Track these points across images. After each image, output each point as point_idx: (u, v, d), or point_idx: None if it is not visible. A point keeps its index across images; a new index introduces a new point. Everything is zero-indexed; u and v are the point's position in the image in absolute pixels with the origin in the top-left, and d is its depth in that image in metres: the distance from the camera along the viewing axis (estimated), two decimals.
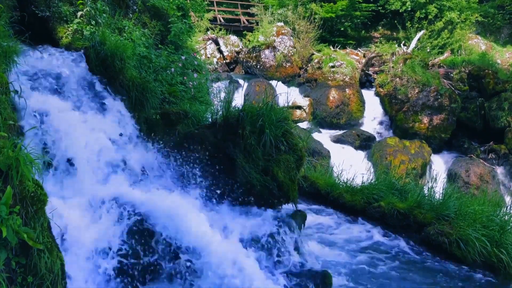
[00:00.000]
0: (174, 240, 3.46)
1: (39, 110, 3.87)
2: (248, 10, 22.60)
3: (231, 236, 3.87)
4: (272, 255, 3.91)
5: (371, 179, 6.97)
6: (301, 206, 5.63)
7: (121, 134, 4.52)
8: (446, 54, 17.53)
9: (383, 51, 17.69)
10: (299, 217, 4.37)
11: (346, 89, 16.02)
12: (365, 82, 17.38)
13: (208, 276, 3.36)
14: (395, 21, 20.15)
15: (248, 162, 4.47)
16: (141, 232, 3.40)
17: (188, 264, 3.40)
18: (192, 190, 4.33)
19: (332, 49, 18.24)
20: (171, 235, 3.46)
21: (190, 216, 3.60)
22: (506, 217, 5.47)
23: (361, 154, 13.76)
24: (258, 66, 18.43)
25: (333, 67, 16.68)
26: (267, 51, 18.29)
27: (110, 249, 3.26)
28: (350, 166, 7.46)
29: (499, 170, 13.71)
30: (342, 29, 20.67)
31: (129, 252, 3.30)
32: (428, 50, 18.02)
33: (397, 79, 15.57)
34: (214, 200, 4.38)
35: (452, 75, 15.86)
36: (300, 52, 18.38)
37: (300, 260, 4.01)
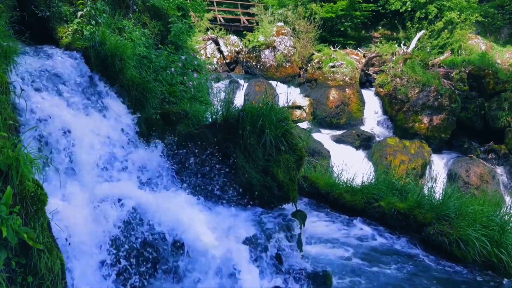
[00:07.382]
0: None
1: (38, 110, 3.87)
2: (248, 10, 22.59)
3: (230, 236, 3.86)
4: (272, 255, 3.90)
5: (371, 179, 6.97)
6: (301, 206, 5.62)
7: (121, 132, 4.51)
8: (446, 54, 17.53)
9: (383, 51, 17.68)
10: (299, 217, 4.36)
11: (346, 89, 16.03)
12: (365, 82, 17.39)
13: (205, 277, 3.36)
14: (395, 21, 20.15)
15: (248, 162, 4.47)
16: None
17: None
18: (191, 190, 4.33)
19: (332, 49, 18.24)
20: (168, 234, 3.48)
21: (188, 216, 3.60)
22: (506, 217, 5.47)
23: (361, 154, 13.76)
24: (258, 66, 18.42)
25: (333, 67, 16.69)
26: (267, 51, 18.29)
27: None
28: (350, 166, 7.44)
29: (499, 170, 13.72)
30: (342, 29, 20.67)
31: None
32: (428, 50, 18.02)
33: (397, 79, 15.57)
34: (214, 200, 4.38)
35: (452, 75, 15.87)
36: (300, 52, 18.38)
37: (299, 260, 4.01)
